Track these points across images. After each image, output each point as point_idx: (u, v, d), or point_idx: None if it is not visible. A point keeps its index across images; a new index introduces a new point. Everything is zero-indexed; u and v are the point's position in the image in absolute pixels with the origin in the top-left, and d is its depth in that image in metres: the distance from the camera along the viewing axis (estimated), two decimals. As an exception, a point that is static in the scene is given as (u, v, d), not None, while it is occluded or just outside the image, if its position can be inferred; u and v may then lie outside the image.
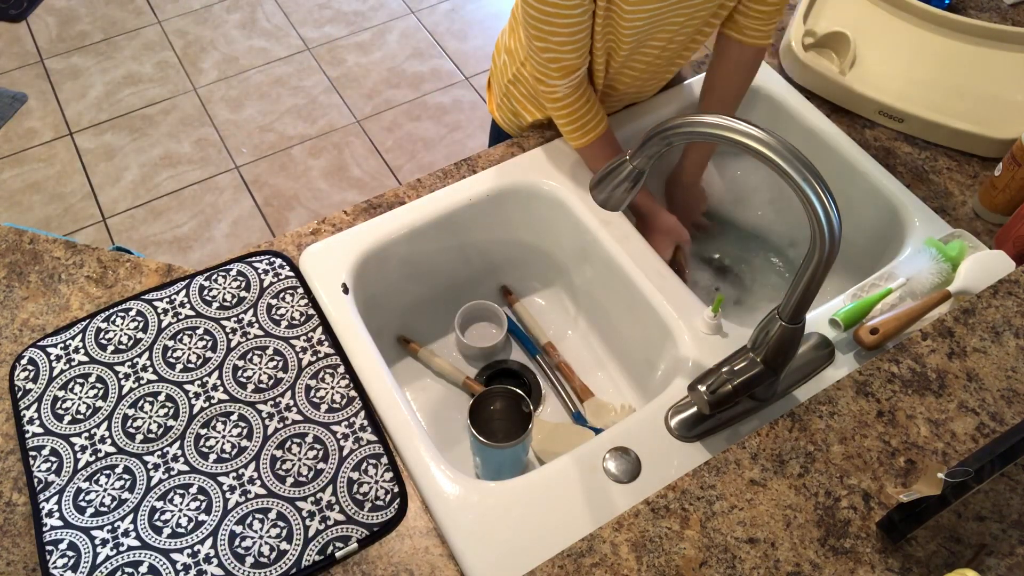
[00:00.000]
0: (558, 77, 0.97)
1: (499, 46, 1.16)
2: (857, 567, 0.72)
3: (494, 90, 1.21)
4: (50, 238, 1.03)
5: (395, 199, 1.07)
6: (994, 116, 1.14)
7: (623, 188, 0.79)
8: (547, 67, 0.96)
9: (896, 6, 1.29)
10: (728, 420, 0.87)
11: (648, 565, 0.72)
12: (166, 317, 0.95)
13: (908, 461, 0.78)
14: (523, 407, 0.88)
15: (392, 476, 0.84)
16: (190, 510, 0.81)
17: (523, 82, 1.11)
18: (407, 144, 2.45)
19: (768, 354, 0.79)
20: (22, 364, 0.91)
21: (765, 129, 0.66)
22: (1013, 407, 0.81)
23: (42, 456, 0.85)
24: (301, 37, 2.75)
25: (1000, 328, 0.87)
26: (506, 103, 1.17)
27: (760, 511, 0.75)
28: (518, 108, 1.15)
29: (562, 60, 0.94)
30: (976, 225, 1.05)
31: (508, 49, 1.12)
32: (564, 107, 1.01)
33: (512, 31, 1.11)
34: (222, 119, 2.50)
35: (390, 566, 0.78)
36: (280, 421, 0.87)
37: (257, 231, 2.23)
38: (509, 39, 1.12)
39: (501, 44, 1.15)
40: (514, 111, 1.16)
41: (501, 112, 1.20)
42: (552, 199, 1.09)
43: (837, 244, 0.68)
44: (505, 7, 2.84)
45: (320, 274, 0.98)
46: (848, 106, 1.17)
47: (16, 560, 0.79)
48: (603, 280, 1.08)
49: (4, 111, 2.48)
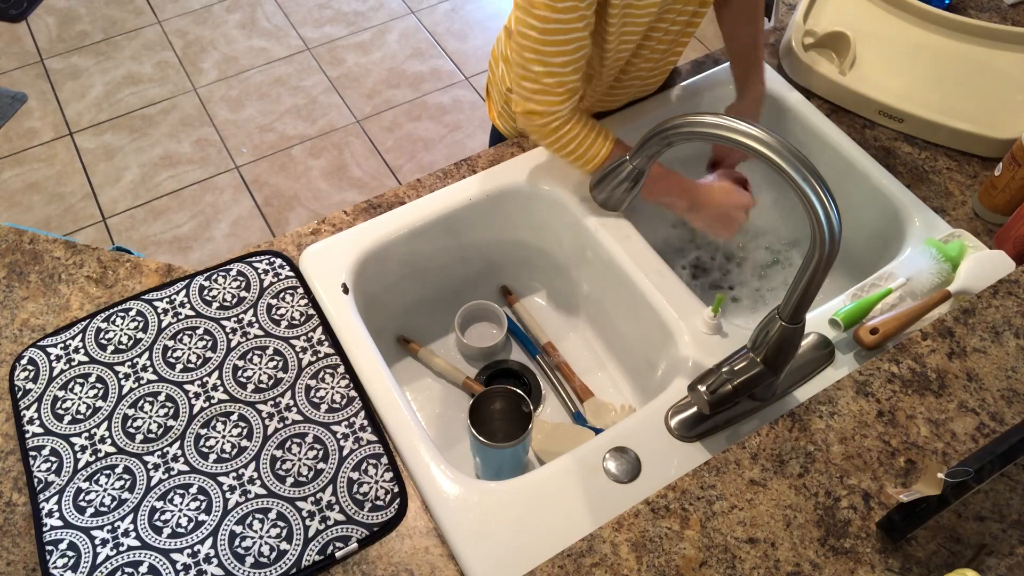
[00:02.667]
0: (560, 101, 0.93)
1: (495, 55, 1.16)
2: (857, 567, 0.72)
3: (493, 98, 1.21)
4: (50, 238, 1.03)
5: (395, 199, 1.07)
6: (994, 116, 1.14)
7: (623, 188, 0.79)
8: (551, 92, 0.92)
9: (896, 6, 1.29)
10: (728, 420, 0.87)
11: (648, 565, 0.72)
12: (166, 317, 0.95)
13: (908, 461, 0.78)
14: (523, 407, 0.88)
15: (392, 476, 0.84)
16: (190, 510, 0.81)
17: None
18: (407, 144, 2.45)
19: (768, 354, 0.79)
20: (22, 364, 0.91)
21: (765, 129, 0.66)
22: (1013, 407, 0.81)
23: (42, 456, 0.85)
24: (301, 37, 2.75)
25: (1000, 328, 0.87)
26: (507, 111, 1.17)
27: (760, 511, 0.75)
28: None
29: (566, 82, 0.91)
30: (976, 225, 1.05)
31: (505, 57, 1.12)
32: (569, 130, 0.96)
33: (508, 38, 1.11)
34: (222, 119, 2.50)
35: (390, 566, 0.78)
36: (280, 421, 0.87)
37: (257, 231, 2.23)
38: (506, 48, 1.12)
39: (497, 53, 1.15)
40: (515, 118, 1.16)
41: (502, 120, 1.20)
42: (552, 199, 1.09)
43: (837, 244, 0.68)
44: (505, 7, 2.84)
45: (320, 274, 0.98)
46: (848, 106, 1.17)
47: (16, 560, 0.79)
48: (603, 280, 1.08)
49: (4, 111, 2.48)
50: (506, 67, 1.12)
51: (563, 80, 0.91)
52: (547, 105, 0.93)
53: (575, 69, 0.91)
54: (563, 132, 0.96)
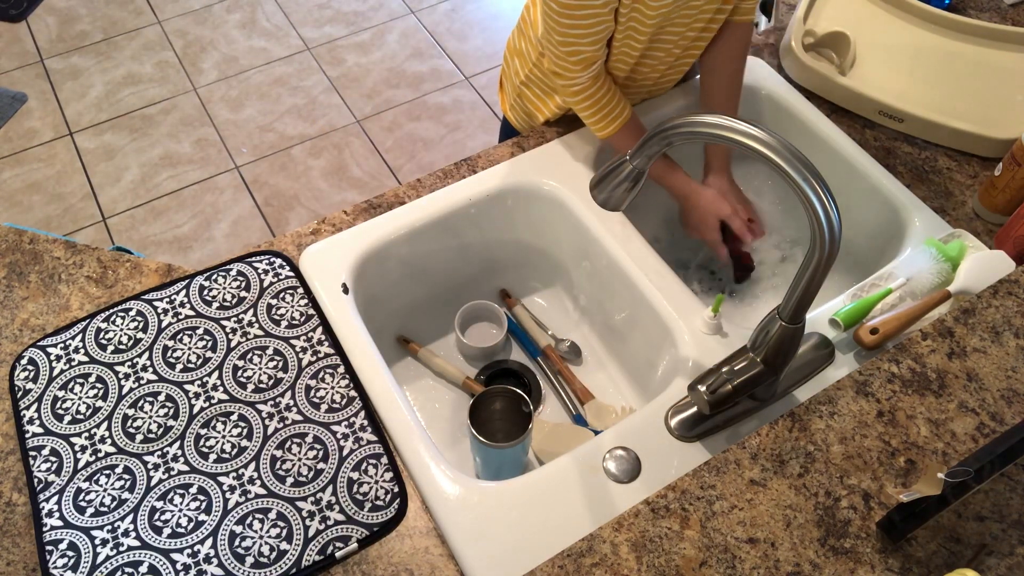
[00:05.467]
0: (579, 70, 0.98)
1: (510, 47, 1.18)
2: (857, 567, 0.72)
3: (507, 90, 1.22)
4: (50, 238, 1.03)
5: (395, 199, 1.07)
6: (994, 116, 1.14)
7: (623, 188, 0.79)
8: (567, 60, 0.97)
9: (896, 6, 1.29)
10: (728, 420, 0.87)
11: (648, 565, 0.72)
12: (166, 317, 0.95)
13: (908, 461, 0.78)
14: (523, 407, 0.88)
15: (392, 476, 0.84)
16: (190, 510, 0.81)
17: (536, 83, 1.12)
18: (407, 144, 2.45)
19: (768, 354, 0.79)
20: (22, 364, 0.91)
21: (765, 129, 0.66)
22: (1013, 407, 0.81)
23: (42, 456, 0.85)
24: (301, 37, 2.75)
25: (1000, 328, 0.87)
26: (519, 103, 1.18)
27: (760, 511, 0.75)
28: (531, 109, 1.16)
29: (582, 52, 0.96)
30: (976, 225, 1.05)
31: (519, 51, 1.13)
32: (587, 98, 1.01)
33: (522, 34, 1.12)
34: (222, 119, 2.50)
35: (390, 566, 0.78)
36: (280, 421, 0.87)
37: (257, 231, 2.23)
38: (519, 41, 1.13)
39: (512, 46, 1.17)
40: (527, 112, 1.18)
41: (514, 112, 1.21)
42: (552, 199, 1.09)
43: (837, 244, 0.68)
44: (505, 7, 2.84)
45: (320, 274, 0.98)
46: (848, 106, 1.17)
47: (16, 560, 0.79)
48: (603, 280, 1.08)
49: (4, 111, 2.48)
50: (520, 61, 1.13)
51: (580, 50, 0.95)
52: (566, 71, 0.99)
53: (593, 42, 0.95)
54: (581, 97, 1.02)
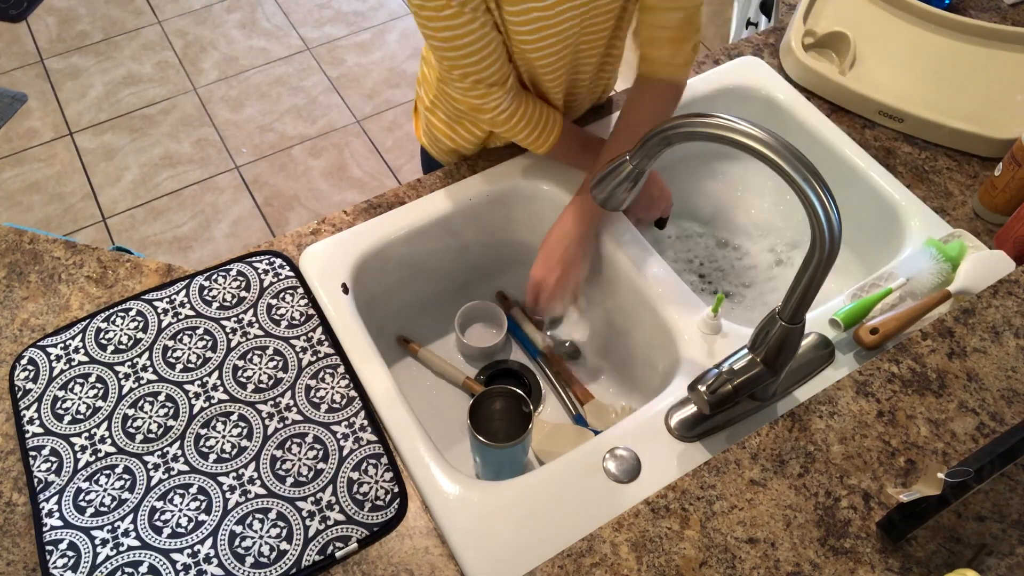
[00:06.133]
0: (495, 92, 0.93)
1: (417, 78, 1.17)
2: (857, 567, 0.72)
3: (420, 116, 1.20)
4: (50, 238, 1.03)
5: (395, 199, 1.07)
6: (994, 116, 1.14)
7: (623, 188, 0.79)
8: (477, 89, 0.92)
9: (896, 6, 1.29)
10: (728, 420, 0.87)
11: (648, 565, 0.72)
12: (166, 317, 0.95)
13: (908, 461, 0.78)
14: (523, 407, 0.88)
15: (392, 476, 0.84)
16: (190, 510, 0.81)
17: (440, 108, 1.10)
18: (407, 144, 2.45)
19: (768, 354, 0.79)
20: (22, 364, 0.91)
21: (765, 129, 0.66)
22: (1013, 407, 0.81)
23: (42, 456, 0.85)
24: (301, 37, 2.75)
25: (1000, 328, 0.87)
26: (428, 131, 1.16)
27: (760, 511, 0.75)
28: (436, 134, 1.14)
29: (486, 78, 0.92)
30: (976, 225, 1.05)
31: (422, 78, 1.14)
32: (516, 118, 0.97)
33: (425, 61, 1.12)
34: (222, 119, 2.50)
35: (390, 566, 0.78)
36: (280, 421, 0.87)
37: (257, 231, 2.23)
38: (422, 69, 1.13)
39: (419, 75, 1.16)
40: (434, 137, 1.15)
41: (427, 137, 1.18)
42: (552, 199, 1.09)
43: (837, 244, 0.68)
44: (505, 7, 2.84)
45: (320, 274, 0.98)
46: (848, 106, 1.17)
47: (16, 560, 0.79)
48: (603, 280, 1.08)
49: (4, 111, 2.49)
50: (424, 87, 1.13)
51: (481, 77, 0.91)
52: (482, 98, 0.94)
53: (489, 64, 0.90)
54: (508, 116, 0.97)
